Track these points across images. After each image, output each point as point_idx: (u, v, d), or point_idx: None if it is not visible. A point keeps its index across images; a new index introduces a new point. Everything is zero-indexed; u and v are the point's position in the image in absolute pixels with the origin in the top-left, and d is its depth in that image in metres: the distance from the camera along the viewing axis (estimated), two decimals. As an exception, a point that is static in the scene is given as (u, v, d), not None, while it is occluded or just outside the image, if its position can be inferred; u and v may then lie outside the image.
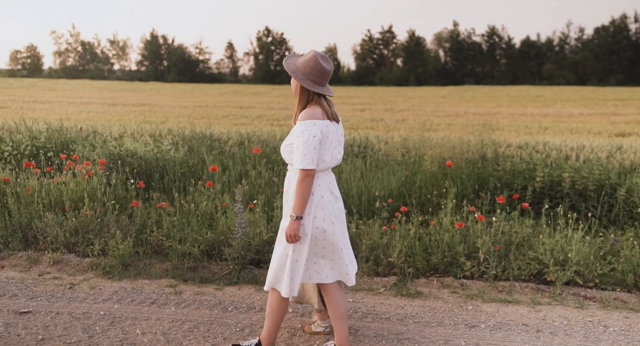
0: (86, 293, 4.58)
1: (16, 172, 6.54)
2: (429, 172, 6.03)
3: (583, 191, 5.70)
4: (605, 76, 76.17)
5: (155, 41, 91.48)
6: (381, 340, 3.80)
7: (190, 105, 26.28)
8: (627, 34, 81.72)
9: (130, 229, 5.57)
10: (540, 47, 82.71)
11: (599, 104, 28.85)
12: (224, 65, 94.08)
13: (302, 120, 3.17)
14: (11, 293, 4.57)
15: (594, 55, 79.52)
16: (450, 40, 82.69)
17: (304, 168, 3.14)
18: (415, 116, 20.05)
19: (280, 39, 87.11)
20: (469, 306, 4.38)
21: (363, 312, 4.26)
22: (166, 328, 3.96)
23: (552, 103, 29.18)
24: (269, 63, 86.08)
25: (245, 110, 23.01)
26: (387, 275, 5.01)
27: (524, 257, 4.83)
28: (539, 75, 78.88)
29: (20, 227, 5.63)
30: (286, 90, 44.73)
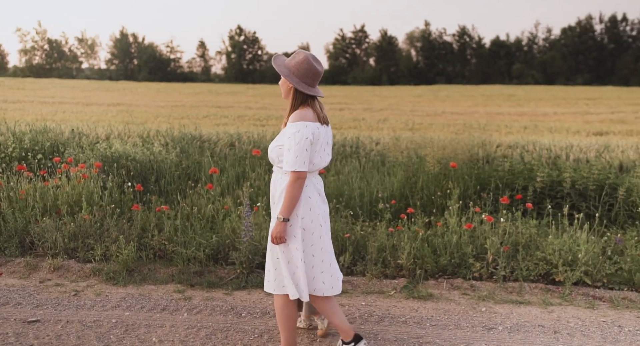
0: (93, 300, 4.47)
1: (8, 176, 6.35)
2: (430, 173, 6.04)
3: (583, 191, 5.78)
4: (572, 75, 77.74)
5: (125, 39, 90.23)
6: (402, 344, 3.78)
7: (167, 104, 25.97)
8: (593, 35, 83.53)
9: (131, 233, 5.45)
10: (509, 46, 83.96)
11: (570, 103, 29.38)
12: (195, 64, 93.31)
13: (293, 121, 3.13)
14: (15, 301, 4.43)
15: (561, 55, 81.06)
16: (421, 40, 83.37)
17: (295, 170, 3.11)
18: (395, 116, 20.14)
19: (253, 37, 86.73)
20: (482, 307, 4.40)
21: (378, 316, 4.24)
22: (182, 335, 3.88)
23: (525, 103, 29.61)
24: (241, 62, 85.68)
25: (223, 109, 22.82)
26: (396, 277, 4.99)
27: (531, 257, 4.87)
28: (509, 74, 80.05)
29: (16, 232, 5.46)
30: (261, 89, 44.56)
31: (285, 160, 3.15)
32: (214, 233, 5.46)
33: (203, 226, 5.59)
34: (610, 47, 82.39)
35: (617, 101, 31.10)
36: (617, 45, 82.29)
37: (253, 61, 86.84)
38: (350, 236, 5.18)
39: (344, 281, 4.90)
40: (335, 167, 7.25)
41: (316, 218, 3.31)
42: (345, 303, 4.47)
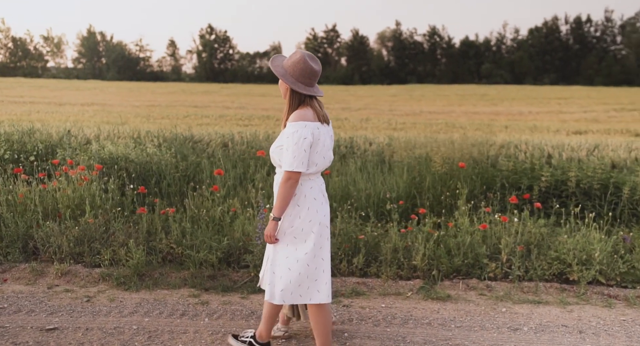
0: (108, 307, 4.36)
1: (3, 179, 6.16)
2: (437, 173, 6.06)
3: (588, 190, 5.87)
4: (540, 75, 79.16)
5: (93, 38, 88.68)
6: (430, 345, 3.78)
7: (142, 104, 25.60)
8: (559, 35, 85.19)
9: (138, 237, 5.34)
10: (478, 47, 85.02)
11: (542, 103, 29.89)
12: (165, 63, 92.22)
13: (293, 121, 3.12)
14: (27, 308, 4.29)
15: (528, 55, 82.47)
16: (393, 40, 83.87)
17: (292, 170, 3.10)
18: (375, 115, 20.21)
19: (224, 36, 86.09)
20: (502, 308, 4.42)
21: (402, 318, 4.23)
22: (208, 341, 3.81)
23: (499, 102, 30.03)
24: (212, 61, 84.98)
25: (201, 109, 22.59)
26: (410, 279, 4.99)
27: (545, 256, 4.92)
28: (478, 74, 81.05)
29: (18, 237, 5.30)
30: (235, 89, 44.27)
31: (284, 160, 3.15)
32: (222, 235, 5.38)
33: (211, 229, 5.51)
34: (576, 48, 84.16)
35: (587, 100, 31.75)
36: (581, 45, 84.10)
37: (224, 60, 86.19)
38: (364, 237, 5.16)
39: (359, 282, 4.89)
40: (336, 167, 7.22)
41: (323, 220, 3.32)
42: (365, 306, 4.45)
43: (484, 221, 5.33)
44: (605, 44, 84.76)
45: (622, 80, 73.78)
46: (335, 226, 5.35)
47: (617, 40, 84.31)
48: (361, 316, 4.25)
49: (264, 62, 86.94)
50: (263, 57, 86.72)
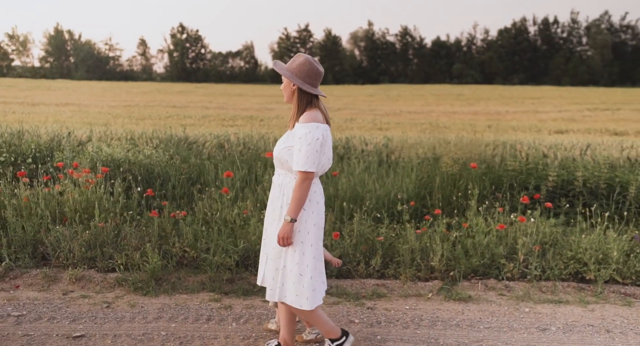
0: (130, 312, 4.28)
1: (3, 182, 5.99)
2: (445, 174, 6.10)
3: (595, 189, 5.98)
4: (509, 75, 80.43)
5: (60, 36, 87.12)
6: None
7: (119, 104, 25.24)
8: (527, 36, 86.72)
9: (150, 241, 5.25)
10: (449, 47, 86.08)
11: (517, 102, 30.37)
12: (136, 62, 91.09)
13: (304, 122, 3.16)
14: (47, 315, 4.19)
15: (498, 55, 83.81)
16: (365, 40, 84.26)
17: (306, 170, 3.13)
18: (358, 115, 20.26)
19: (196, 36, 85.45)
20: (524, 308, 4.47)
21: (429, 319, 4.24)
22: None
23: (475, 102, 30.41)
24: (184, 60, 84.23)
25: (180, 109, 22.36)
26: (429, 280, 5.01)
27: (560, 256, 4.99)
28: (449, 74, 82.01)
29: (27, 242, 5.16)
30: (210, 88, 43.92)
31: (296, 161, 3.16)
32: (235, 238, 5.33)
33: (224, 232, 5.45)
34: (543, 48, 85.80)
35: (559, 100, 32.36)
36: (549, 46, 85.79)
37: (196, 60, 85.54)
38: (382, 239, 5.17)
39: (378, 284, 4.90)
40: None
41: (320, 223, 3.36)
42: (389, 308, 4.45)
43: (498, 221, 5.38)
44: (571, 45, 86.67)
45: (588, 81, 75.56)
46: (353, 228, 5.34)
47: (583, 41, 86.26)
48: (388, 318, 4.25)
49: (236, 62, 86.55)
50: (235, 57, 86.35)
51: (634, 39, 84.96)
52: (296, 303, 3.31)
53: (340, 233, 5.19)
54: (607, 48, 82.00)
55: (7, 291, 4.65)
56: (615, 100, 32.60)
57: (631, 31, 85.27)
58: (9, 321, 4.08)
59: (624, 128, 16.33)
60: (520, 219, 5.10)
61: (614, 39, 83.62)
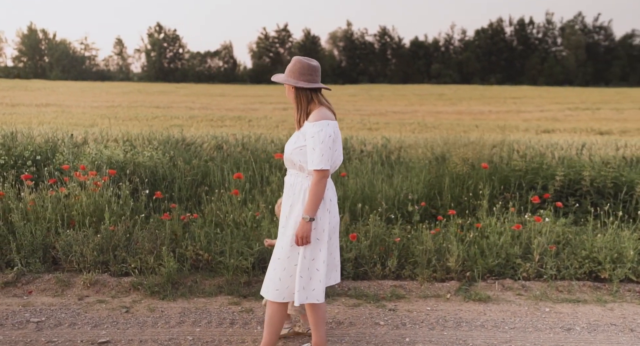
0: (151, 317, 4.22)
1: (7, 186, 5.86)
2: (455, 174, 6.12)
3: (602, 189, 6.05)
4: (486, 75, 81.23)
5: (34, 35, 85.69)
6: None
7: (101, 105, 24.89)
8: (504, 37, 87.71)
9: (163, 244, 5.18)
10: (427, 47, 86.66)
11: (499, 102, 30.69)
12: (112, 62, 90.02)
13: (315, 120, 3.18)
14: (66, 321, 4.10)
15: (475, 55, 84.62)
16: (344, 40, 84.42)
17: (322, 168, 3.14)
18: (344, 115, 20.27)
19: (173, 35, 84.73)
20: (545, 308, 4.50)
21: (453, 321, 4.25)
22: (271, 349, 3.73)
23: (458, 102, 30.64)
24: (162, 60, 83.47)
25: (165, 110, 22.13)
26: (445, 280, 5.03)
27: (574, 255, 5.04)
28: (428, 74, 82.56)
29: (36, 246, 5.05)
30: (191, 89, 43.58)
31: (310, 159, 3.16)
32: (249, 240, 5.28)
33: (236, 234, 5.40)
34: (520, 49, 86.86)
35: (539, 100, 32.78)
36: (525, 46, 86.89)
37: (174, 59, 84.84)
38: (399, 240, 5.17)
39: (395, 285, 4.90)
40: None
41: (333, 221, 3.36)
42: (411, 309, 4.45)
43: (511, 221, 5.41)
44: (546, 45, 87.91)
45: (563, 80, 76.72)
46: (368, 229, 5.34)
47: (558, 41, 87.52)
48: (412, 320, 4.25)
49: (214, 62, 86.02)
50: (214, 57, 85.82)
51: (607, 39, 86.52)
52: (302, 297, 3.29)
53: (353, 235, 5.17)
54: (581, 48, 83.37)
55: (20, 297, 4.56)
56: (594, 99, 33.13)
57: (604, 32, 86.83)
58: (29, 327, 4.00)
59: (607, 128, 16.60)
60: (537, 219, 5.14)
61: (587, 40, 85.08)
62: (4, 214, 5.42)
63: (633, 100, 32.57)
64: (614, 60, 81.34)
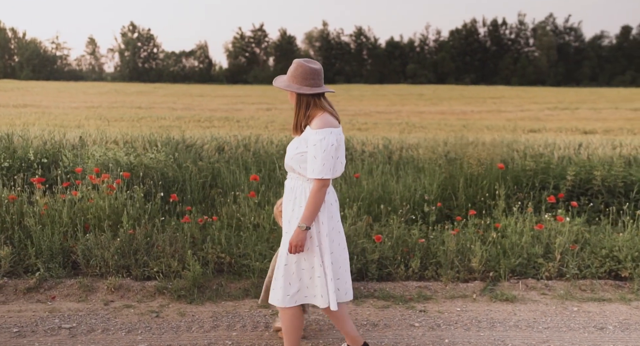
0: (184, 322, 4.16)
1: (21, 190, 5.73)
2: (469, 174, 6.17)
3: (613, 188, 6.16)
4: (461, 75, 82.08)
5: (3, 34, 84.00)
6: (534, 347, 3.84)
7: (80, 105, 24.51)
8: (477, 37, 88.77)
9: (183, 247, 5.12)
10: (403, 47, 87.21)
11: (479, 102, 31.03)
12: (85, 61, 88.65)
13: (317, 128, 3.08)
14: (99, 327, 4.03)
15: (450, 56, 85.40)
16: (320, 40, 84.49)
17: (322, 177, 3.08)
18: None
19: (148, 35, 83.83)
20: (572, 307, 4.55)
21: (486, 321, 4.27)
22: (313, 352, 3.72)
23: (439, 102, 30.90)
24: (136, 60, 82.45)
25: (148, 110, 21.89)
26: (468, 281, 5.06)
27: (595, 254, 5.12)
28: (404, 74, 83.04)
29: (54, 251, 4.94)
30: (170, 89, 43.15)
31: (311, 168, 3.09)
32: (268, 242, 5.26)
33: (255, 236, 5.37)
34: (493, 49, 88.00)
35: (518, 100, 33.24)
36: (498, 47, 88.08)
37: (148, 59, 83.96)
38: (424, 241, 5.19)
39: (421, 287, 4.92)
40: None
41: (337, 225, 3.33)
42: (442, 310, 4.47)
43: (529, 221, 5.47)
44: (519, 45, 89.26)
45: (535, 80, 77.93)
46: (391, 230, 5.35)
47: (530, 42, 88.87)
48: (445, 321, 4.27)
49: (190, 62, 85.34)
50: (189, 56, 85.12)
51: (577, 40, 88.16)
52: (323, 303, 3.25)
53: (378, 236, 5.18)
54: (553, 49, 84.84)
55: (44, 303, 4.46)
56: (570, 99, 33.72)
57: (574, 33, 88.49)
58: (62, 334, 3.92)
59: (591, 127, 16.91)
60: (559, 219, 5.21)
61: (558, 41, 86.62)
62: (17, 218, 5.30)
63: (607, 100, 33.23)
64: (583, 61, 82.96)
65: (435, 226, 5.65)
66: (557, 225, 5.34)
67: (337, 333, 4.01)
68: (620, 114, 24.02)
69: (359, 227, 5.36)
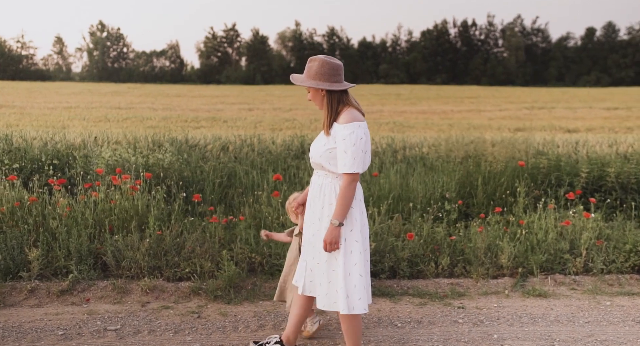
0: (228, 322, 4.13)
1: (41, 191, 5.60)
2: (487, 172, 6.25)
3: (625, 184, 6.31)
4: (432, 75, 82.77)
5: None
6: (584, 344, 3.87)
7: (57, 106, 24.02)
8: (448, 38, 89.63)
9: (213, 247, 5.07)
10: (375, 48, 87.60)
11: (457, 102, 31.37)
12: (52, 61, 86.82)
13: (346, 122, 3.11)
14: (144, 328, 3.98)
15: (422, 56, 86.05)
16: (293, 40, 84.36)
17: (353, 172, 3.10)
18: (314, 114, 20.28)
19: (117, 34, 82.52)
20: (605, 302, 4.65)
21: (527, 316, 4.34)
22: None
23: (417, 102, 31.16)
24: (105, 60, 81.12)
25: (129, 111, 21.58)
26: (496, 277, 5.12)
27: (618, 249, 5.24)
28: (376, 74, 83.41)
29: (82, 253, 4.85)
30: (145, 89, 42.56)
31: (342, 163, 3.11)
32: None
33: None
34: (463, 50, 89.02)
35: (494, 99, 33.72)
36: (468, 48, 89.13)
37: (118, 59, 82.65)
38: (454, 238, 5.24)
39: (453, 283, 4.97)
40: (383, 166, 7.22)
41: (366, 222, 3.35)
42: (481, 306, 4.52)
43: (550, 218, 5.56)
44: (488, 46, 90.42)
45: (504, 80, 79.06)
46: (420, 228, 5.39)
47: (499, 43, 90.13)
48: (487, 317, 4.32)
49: (161, 61, 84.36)
50: (160, 56, 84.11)
51: (544, 41, 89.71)
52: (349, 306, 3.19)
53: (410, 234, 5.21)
54: (521, 50, 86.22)
55: (79, 305, 4.39)
56: (544, 99, 34.34)
57: (541, 34, 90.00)
58: (109, 336, 3.85)
59: (574, 126, 17.26)
60: (585, 215, 5.31)
61: (526, 41, 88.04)
62: (40, 220, 5.19)
63: (580, 100, 33.95)
64: (550, 61, 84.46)
65: (459, 223, 5.70)
66: (580, 221, 5.44)
67: (415, 331, 4.03)
68: (596, 113, 24.57)
69: (390, 225, 5.39)
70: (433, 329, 4.09)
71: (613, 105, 29.29)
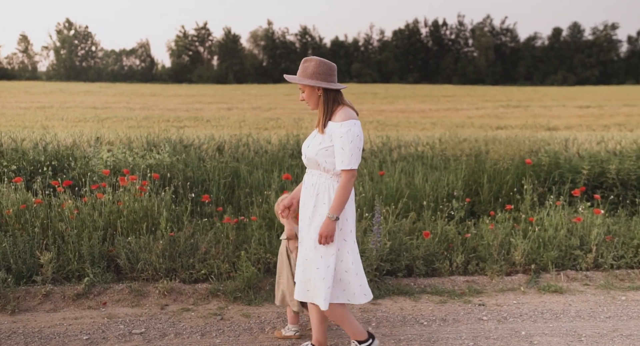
0: (254, 323, 4.09)
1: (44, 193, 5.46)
2: (492, 170, 6.30)
3: (626, 181, 6.43)
4: (404, 74, 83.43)
5: None
6: (608, 339, 3.92)
7: (31, 106, 23.52)
8: (420, 37, 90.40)
9: (227, 248, 5.01)
10: (348, 47, 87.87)
11: (433, 101, 31.66)
12: (17, 60, 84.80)
13: (342, 120, 3.17)
14: (170, 331, 3.90)
15: (394, 55, 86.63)
16: (265, 39, 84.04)
17: (351, 168, 3.16)
18: (295, 113, 20.23)
19: (85, 32, 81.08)
20: (621, 297, 4.72)
21: (549, 312, 4.38)
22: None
23: (394, 100, 31.33)
24: (73, 58, 79.61)
25: (106, 111, 21.22)
26: (510, 274, 5.17)
27: (626, 245, 5.33)
28: (349, 73, 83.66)
29: (95, 255, 4.74)
30: (118, 88, 41.93)
31: (340, 160, 3.17)
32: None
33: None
34: (435, 49, 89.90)
35: (470, 98, 34.10)
36: (439, 47, 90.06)
37: (86, 58, 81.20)
38: (469, 236, 5.27)
39: (469, 281, 4.99)
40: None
41: (354, 216, 3.41)
42: (500, 303, 4.56)
43: (563, 214, 5.63)
44: (459, 46, 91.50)
45: (475, 79, 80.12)
46: (436, 226, 5.40)
47: (469, 42, 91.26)
48: (510, 314, 4.35)
49: (131, 60, 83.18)
50: (130, 55, 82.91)
51: (513, 41, 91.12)
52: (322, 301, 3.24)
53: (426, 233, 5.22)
54: (490, 49, 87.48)
55: (97, 309, 4.29)
56: (518, 98, 34.87)
57: (510, 34, 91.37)
58: (135, 339, 3.77)
59: (553, 124, 17.55)
60: (596, 211, 5.40)
61: (495, 41, 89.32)
62: (47, 223, 5.05)
63: (553, 98, 34.57)
64: (519, 61, 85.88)
65: (463, 221, 5.74)
66: (588, 217, 5.53)
67: (443, 329, 4.03)
68: (570, 112, 25.04)
69: (404, 223, 5.39)
70: (459, 327, 4.10)
71: (584, 103, 29.91)
